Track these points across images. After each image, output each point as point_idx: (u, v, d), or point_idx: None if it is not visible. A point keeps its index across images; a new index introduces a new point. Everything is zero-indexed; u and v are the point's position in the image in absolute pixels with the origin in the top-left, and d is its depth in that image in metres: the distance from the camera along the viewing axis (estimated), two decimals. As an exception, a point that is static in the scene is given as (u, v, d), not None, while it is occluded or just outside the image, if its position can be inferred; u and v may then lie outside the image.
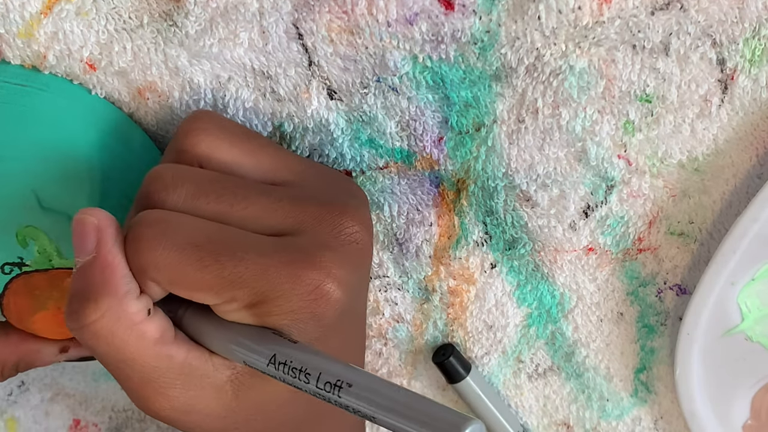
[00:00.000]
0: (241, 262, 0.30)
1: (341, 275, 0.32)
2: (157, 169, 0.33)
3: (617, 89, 0.37)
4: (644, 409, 0.45)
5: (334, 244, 0.33)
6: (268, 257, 0.31)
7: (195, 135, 0.34)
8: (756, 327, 0.40)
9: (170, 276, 0.31)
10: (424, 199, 0.40)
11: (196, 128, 0.34)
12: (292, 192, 0.34)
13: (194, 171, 0.33)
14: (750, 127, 0.38)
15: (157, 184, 0.32)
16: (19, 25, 0.35)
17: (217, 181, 0.33)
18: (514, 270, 0.42)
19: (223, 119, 0.35)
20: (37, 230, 0.36)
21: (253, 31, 0.36)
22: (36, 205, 0.36)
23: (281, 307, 0.31)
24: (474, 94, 0.37)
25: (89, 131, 0.37)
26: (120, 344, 0.31)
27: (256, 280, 0.31)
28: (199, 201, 0.32)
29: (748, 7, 0.35)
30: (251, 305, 0.31)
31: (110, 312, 0.30)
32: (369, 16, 0.35)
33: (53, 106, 0.36)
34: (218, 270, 0.30)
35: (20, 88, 0.36)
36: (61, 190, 0.36)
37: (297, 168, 0.36)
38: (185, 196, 0.32)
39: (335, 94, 0.38)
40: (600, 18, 0.35)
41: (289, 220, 0.33)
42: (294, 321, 0.31)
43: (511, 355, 0.44)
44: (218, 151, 0.34)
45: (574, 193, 0.39)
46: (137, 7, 0.36)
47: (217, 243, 0.31)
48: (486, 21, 0.35)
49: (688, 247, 0.41)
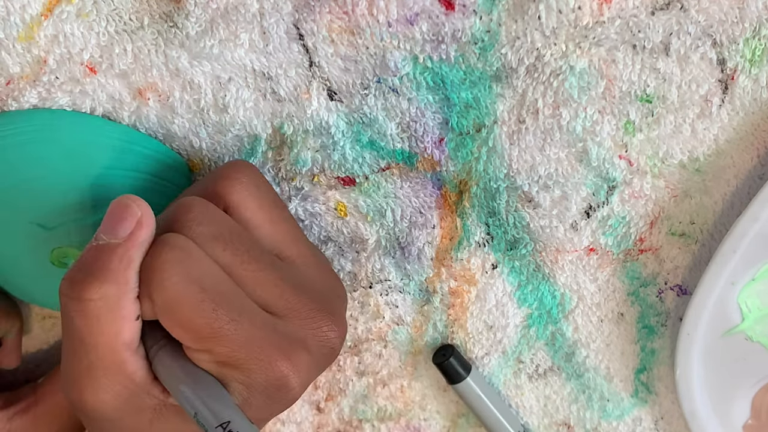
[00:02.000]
0: (233, 322, 0.31)
1: (306, 377, 0.33)
2: (190, 200, 0.33)
3: (618, 89, 0.37)
4: (645, 409, 0.45)
5: (312, 345, 0.34)
6: (258, 330, 0.32)
7: (232, 183, 0.35)
8: (756, 327, 0.40)
9: (167, 303, 0.31)
10: (427, 202, 0.40)
11: (235, 178, 0.35)
12: (294, 275, 0.35)
13: (222, 216, 0.34)
14: (751, 127, 0.38)
15: (186, 214, 0.33)
16: (19, 29, 0.35)
17: (238, 235, 0.34)
18: (515, 270, 0.42)
19: (262, 179, 0.36)
20: (63, 248, 0.37)
21: (253, 32, 0.36)
22: (43, 232, 0.37)
23: (246, 379, 0.32)
24: (474, 95, 0.37)
25: (55, 150, 0.37)
26: (96, 329, 0.31)
27: (238, 346, 0.32)
28: (217, 246, 0.33)
29: (749, 7, 0.35)
30: (221, 363, 0.32)
31: (108, 299, 0.31)
32: (369, 16, 0.35)
33: (20, 144, 0.37)
34: (211, 320, 0.31)
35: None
36: (57, 205, 0.37)
37: (304, 251, 0.36)
38: (206, 235, 0.32)
39: (335, 95, 0.37)
40: (600, 18, 0.35)
41: (283, 302, 0.34)
42: (250, 395, 0.33)
43: (512, 355, 0.44)
44: (245, 206, 0.35)
45: (576, 193, 0.39)
46: (137, 8, 0.36)
47: (222, 294, 0.32)
48: (486, 21, 0.35)
49: (689, 248, 0.41)
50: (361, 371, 0.45)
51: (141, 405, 0.33)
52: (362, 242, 0.41)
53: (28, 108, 0.37)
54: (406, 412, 0.46)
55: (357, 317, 0.44)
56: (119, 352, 0.32)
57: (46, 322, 0.45)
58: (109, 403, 0.32)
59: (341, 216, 0.41)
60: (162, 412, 0.33)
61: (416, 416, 0.47)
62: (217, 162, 0.39)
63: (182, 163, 0.39)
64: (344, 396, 0.46)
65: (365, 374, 0.45)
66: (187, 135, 0.38)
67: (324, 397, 0.46)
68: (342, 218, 0.41)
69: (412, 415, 0.47)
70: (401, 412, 0.46)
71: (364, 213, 0.40)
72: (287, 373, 0.32)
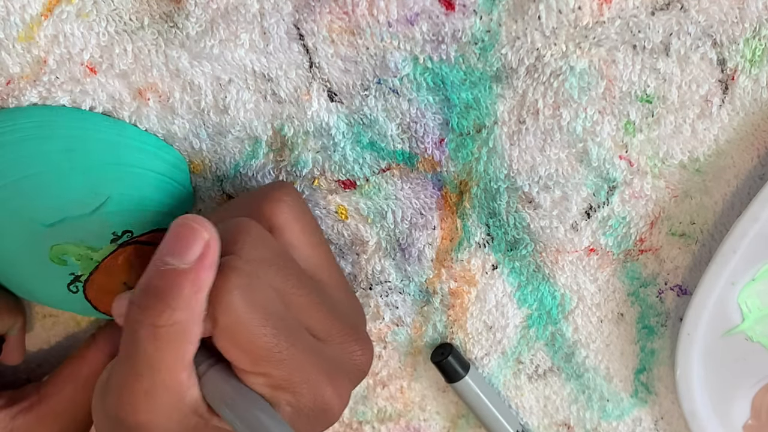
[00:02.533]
0: (291, 347, 0.32)
1: (346, 400, 0.34)
2: (245, 222, 0.33)
3: (618, 90, 0.37)
4: (645, 409, 0.45)
5: (349, 367, 0.35)
6: (310, 356, 0.33)
7: (279, 205, 0.35)
8: (756, 327, 0.40)
9: (231, 325, 0.31)
10: (428, 203, 0.40)
11: (282, 200, 0.35)
12: (328, 299, 0.35)
13: (273, 240, 0.34)
14: (751, 127, 0.38)
15: (242, 236, 0.33)
16: (19, 29, 0.35)
17: (288, 259, 0.34)
18: (515, 271, 0.42)
19: (303, 201, 0.37)
20: (61, 246, 0.37)
21: (253, 32, 0.36)
22: (41, 228, 0.37)
23: (295, 402, 0.33)
24: (474, 95, 0.37)
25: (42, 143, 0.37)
26: (164, 353, 0.31)
27: (293, 370, 0.32)
28: (270, 270, 0.33)
29: (749, 7, 0.35)
30: (275, 387, 0.32)
31: (179, 325, 0.31)
32: (370, 16, 0.35)
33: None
34: (272, 344, 0.32)
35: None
36: (49, 202, 0.37)
37: (335, 275, 0.37)
38: (260, 259, 0.33)
39: (336, 96, 0.37)
40: (600, 18, 0.35)
41: (324, 326, 0.34)
42: (297, 417, 0.33)
43: (511, 356, 0.44)
44: (289, 230, 0.35)
45: (576, 194, 0.39)
46: (138, 8, 0.36)
47: (282, 320, 0.32)
48: (486, 21, 0.35)
49: (690, 248, 0.41)
50: (361, 372, 0.45)
51: (188, 425, 0.33)
52: (362, 244, 0.41)
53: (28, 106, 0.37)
54: (405, 413, 0.46)
55: (357, 318, 0.44)
56: (179, 373, 0.32)
57: (47, 320, 0.45)
58: (161, 424, 0.32)
59: (342, 219, 0.40)
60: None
61: (416, 417, 0.47)
62: (217, 163, 0.39)
63: (180, 159, 0.39)
64: (344, 397, 0.46)
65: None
66: (187, 136, 0.38)
67: (324, 398, 0.46)
68: (342, 221, 0.41)
69: (412, 416, 0.46)
70: (401, 413, 0.46)
71: (364, 215, 0.40)
72: (333, 397, 0.33)
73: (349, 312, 0.37)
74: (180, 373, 0.32)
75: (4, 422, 0.41)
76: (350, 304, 0.38)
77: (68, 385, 0.42)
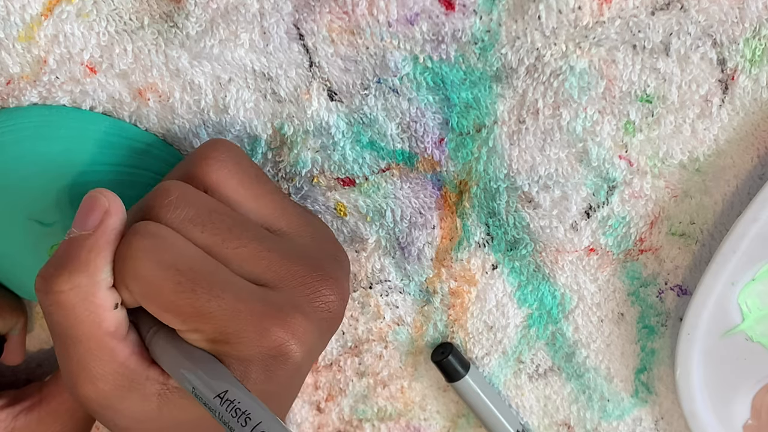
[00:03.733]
0: (215, 299, 0.31)
1: (306, 340, 0.33)
2: (166, 185, 0.33)
3: (618, 89, 0.37)
4: (645, 409, 0.45)
5: (308, 309, 0.33)
6: (243, 303, 0.32)
7: (209, 163, 0.35)
8: (756, 327, 0.40)
9: (145, 290, 0.31)
10: (427, 202, 0.40)
11: (213, 157, 0.35)
12: (283, 245, 0.35)
13: (200, 196, 0.34)
14: (751, 127, 0.38)
15: (161, 199, 0.33)
16: (19, 28, 0.35)
17: (218, 213, 0.33)
18: (515, 271, 0.42)
19: (241, 156, 0.36)
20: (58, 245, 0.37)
21: (253, 32, 0.36)
22: (41, 228, 0.37)
23: (240, 353, 0.32)
24: (474, 95, 0.37)
25: (48, 144, 0.37)
26: (74, 321, 0.32)
27: (225, 321, 0.31)
28: (195, 227, 0.33)
29: (749, 7, 0.35)
30: (212, 340, 0.32)
31: (80, 289, 0.31)
32: (370, 16, 0.35)
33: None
34: (191, 299, 0.31)
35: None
36: (50, 203, 0.37)
37: (294, 222, 0.36)
38: (183, 218, 0.33)
39: (335, 95, 0.37)
40: (600, 18, 0.35)
41: (271, 273, 0.33)
42: (247, 368, 0.32)
43: (512, 355, 0.44)
44: (226, 185, 0.35)
45: (576, 194, 0.39)
46: (138, 8, 0.36)
47: (199, 273, 0.32)
48: (486, 21, 0.35)
49: (690, 248, 0.41)
50: (362, 372, 0.45)
51: (144, 392, 0.33)
52: (362, 242, 0.41)
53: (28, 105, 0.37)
54: (406, 413, 0.46)
55: (357, 317, 0.44)
56: (105, 341, 0.32)
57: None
58: (110, 392, 0.32)
59: (341, 216, 0.41)
60: (167, 396, 0.33)
61: (416, 416, 0.47)
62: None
63: (180, 158, 0.39)
64: (344, 396, 0.46)
65: (365, 375, 0.45)
66: (187, 136, 0.38)
67: (324, 398, 0.46)
68: (341, 218, 0.41)
69: (412, 416, 0.47)
70: (401, 412, 0.46)
71: (363, 213, 0.40)
72: (282, 337, 0.32)
73: (315, 255, 0.35)
74: (106, 341, 0.32)
75: (6, 422, 0.41)
76: (317, 248, 0.36)
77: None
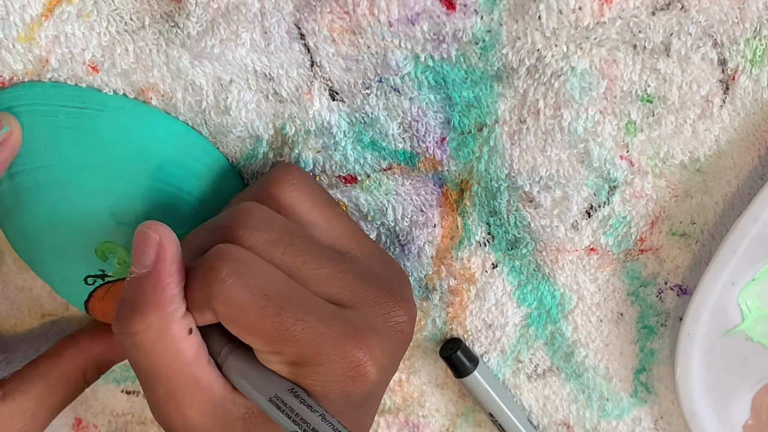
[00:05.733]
0: (300, 322, 0.32)
1: (382, 360, 0.33)
2: (248, 207, 0.34)
3: (618, 90, 0.37)
4: (644, 409, 0.45)
5: (382, 329, 0.34)
6: (324, 325, 0.32)
7: (284, 185, 0.36)
8: (756, 327, 0.40)
9: (232, 313, 0.32)
10: (428, 200, 0.40)
11: (288, 180, 0.36)
12: (356, 267, 0.36)
13: (280, 219, 0.34)
14: (752, 127, 0.38)
15: (245, 220, 0.33)
16: (19, 29, 0.35)
17: (297, 236, 0.34)
18: (515, 270, 0.42)
19: (312, 180, 0.37)
20: (115, 245, 0.38)
21: (254, 32, 0.36)
22: (111, 222, 0.37)
23: (320, 375, 0.33)
24: (476, 94, 0.37)
25: (153, 145, 0.37)
26: (155, 358, 0.32)
27: (307, 343, 0.32)
28: (277, 250, 0.33)
29: (749, 7, 0.35)
30: (292, 363, 0.33)
31: (155, 326, 0.32)
32: (371, 16, 0.35)
33: (115, 125, 0.37)
34: (277, 323, 0.32)
35: (78, 111, 0.37)
36: (135, 205, 0.37)
37: (364, 244, 0.37)
38: (265, 241, 0.33)
39: (337, 95, 0.37)
40: (601, 18, 0.35)
41: (348, 293, 0.34)
42: (326, 390, 0.33)
43: (510, 354, 0.44)
44: (300, 207, 0.36)
45: (577, 194, 0.39)
46: (138, 8, 0.36)
47: (284, 297, 0.32)
48: (487, 21, 0.35)
49: (690, 248, 0.41)
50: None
51: (228, 416, 0.33)
52: (363, 242, 0.41)
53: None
54: (404, 407, 0.47)
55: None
56: (186, 371, 0.32)
57: (47, 320, 0.45)
58: (197, 419, 0.33)
59: (342, 215, 0.41)
60: (252, 421, 0.34)
61: (414, 412, 0.47)
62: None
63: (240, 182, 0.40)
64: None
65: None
66: (188, 135, 0.38)
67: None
68: (343, 217, 0.41)
69: (411, 411, 0.47)
70: (400, 406, 0.46)
71: (364, 212, 0.40)
72: (361, 358, 0.33)
73: (383, 276, 0.36)
74: (188, 370, 0.32)
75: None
76: (385, 270, 0.37)
77: (38, 384, 0.41)
